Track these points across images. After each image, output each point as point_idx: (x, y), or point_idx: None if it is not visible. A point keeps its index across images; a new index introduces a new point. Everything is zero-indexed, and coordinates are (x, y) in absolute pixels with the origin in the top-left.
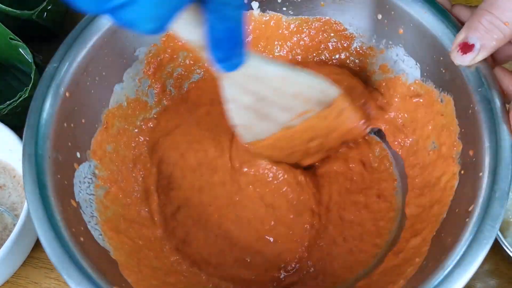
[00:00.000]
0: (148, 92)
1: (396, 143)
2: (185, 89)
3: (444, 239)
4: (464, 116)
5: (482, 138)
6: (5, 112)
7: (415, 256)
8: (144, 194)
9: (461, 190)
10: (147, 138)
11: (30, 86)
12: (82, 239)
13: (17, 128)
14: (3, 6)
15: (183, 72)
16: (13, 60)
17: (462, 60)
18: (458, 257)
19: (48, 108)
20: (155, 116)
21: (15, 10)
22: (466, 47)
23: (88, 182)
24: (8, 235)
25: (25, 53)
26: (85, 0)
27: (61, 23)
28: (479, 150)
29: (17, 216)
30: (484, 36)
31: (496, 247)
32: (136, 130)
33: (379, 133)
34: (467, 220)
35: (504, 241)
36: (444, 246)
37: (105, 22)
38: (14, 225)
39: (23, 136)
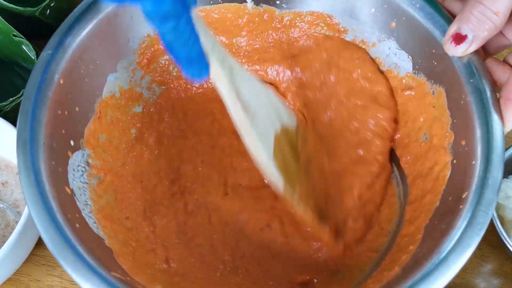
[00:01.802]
0: (142, 83)
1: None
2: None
3: (438, 226)
4: (456, 107)
5: (474, 128)
6: (8, 109)
7: (409, 244)
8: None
9: (454, 178)
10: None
11: None
12: (77, 225)
13: None
14: (6, 3)
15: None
16: (16, 57)
17: (455, 51)
18: (453, 242)
19: (42, 94)
20: (149, 106)
21: (18, 7)
22: (459, 38)
23: (82, 171)
24: (11, 232)
25: (28, 50)
26: None
27: (64, 20)
28: (471, 140)
29: (19, 213)
30: (476, 26)
31: (500, 247)
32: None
33: None
34: (461, 207)
35: (509, 241)
36: (438, 233)
37: (100, 11)
38: (17, 222)
39: (17, 122)
